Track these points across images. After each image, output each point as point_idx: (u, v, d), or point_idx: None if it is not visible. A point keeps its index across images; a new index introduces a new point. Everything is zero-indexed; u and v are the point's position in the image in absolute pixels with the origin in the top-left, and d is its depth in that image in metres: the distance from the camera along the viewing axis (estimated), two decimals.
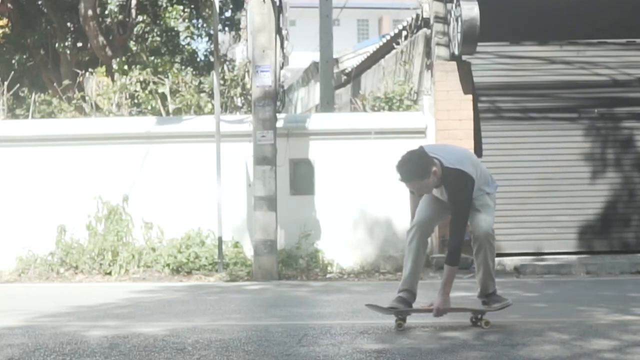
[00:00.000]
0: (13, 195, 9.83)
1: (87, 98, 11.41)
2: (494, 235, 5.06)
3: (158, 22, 15.72)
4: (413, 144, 9.90)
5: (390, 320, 5.36)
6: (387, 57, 12.53)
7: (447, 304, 5.03)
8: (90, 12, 13.73)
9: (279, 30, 9.50)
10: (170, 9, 15.36)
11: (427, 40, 10.35)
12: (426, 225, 5.20)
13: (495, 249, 5.16)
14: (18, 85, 12.56)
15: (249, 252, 9.61)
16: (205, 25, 16.89)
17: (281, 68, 10.27)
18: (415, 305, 5.22)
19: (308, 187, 9.96)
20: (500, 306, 5.18)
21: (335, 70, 15.61)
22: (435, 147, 5.09)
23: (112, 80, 11.96)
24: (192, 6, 16.20)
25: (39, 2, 16.06)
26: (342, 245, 9.84)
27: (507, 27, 10.06)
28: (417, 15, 10.68)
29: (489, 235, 5.03)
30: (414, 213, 5.29)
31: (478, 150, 9.98)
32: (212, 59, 15.25)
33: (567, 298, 7.02)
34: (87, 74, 13.88)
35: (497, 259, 9.66)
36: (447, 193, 4.99)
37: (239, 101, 11.07)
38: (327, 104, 14.11)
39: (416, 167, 4.84)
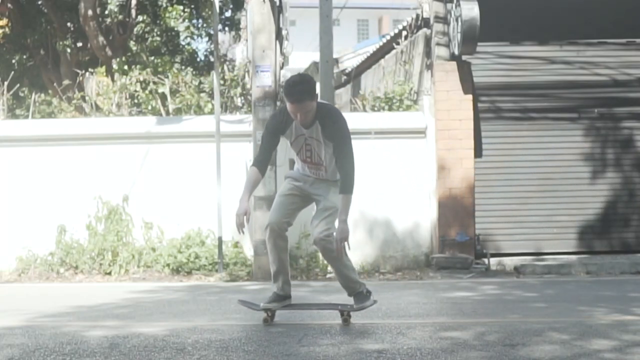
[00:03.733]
0: (13, 195, 9.83)
1: (87, 98, 11.41)
2: (330, 239, 5.21)
3: (158, 22, 15.72)
4: (413, 144, 10.04)
5: (391, 321, 5.37)
6: (387, 57, 12.53)
7: (347, 231, 5.11)
8: (90, 12, 13.73)
9: (279, 30, 9.50)
10: (170, 9, 15.37)
11: (427, 40, 10.35)
12: (279, 225, 5.29)
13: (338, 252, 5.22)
14: (18, 85, 12.57)
15: (249, 252, 9.61)
16: (205, 25, 16.90)
17: (281, 68, 10.26)
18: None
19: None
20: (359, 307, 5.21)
21: (335, 70, 15.59)
22: None
23: (112, 80, 11.96)
24: (192, 6, 16.21)
25: (39, 2, 16.07)
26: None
27: (507, 27, 10.06)
28: (417, 15, 10.68)
29: (324, 240, 5.20)
30: (250, 189, 5.14)
31: (478, 150, 10.00)
32: (212, 59, 15.27)
33: (567, 298, 7.02)
34: (87, 74, 13.89)
35: (497, 259, 9.80)
36: (324, 128, 4.97)
37: (239, 101, 11.06)
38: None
39: (308, 87, 4.86)
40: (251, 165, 5.24)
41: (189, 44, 16.59)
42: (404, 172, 9.95)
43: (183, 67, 15.25)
